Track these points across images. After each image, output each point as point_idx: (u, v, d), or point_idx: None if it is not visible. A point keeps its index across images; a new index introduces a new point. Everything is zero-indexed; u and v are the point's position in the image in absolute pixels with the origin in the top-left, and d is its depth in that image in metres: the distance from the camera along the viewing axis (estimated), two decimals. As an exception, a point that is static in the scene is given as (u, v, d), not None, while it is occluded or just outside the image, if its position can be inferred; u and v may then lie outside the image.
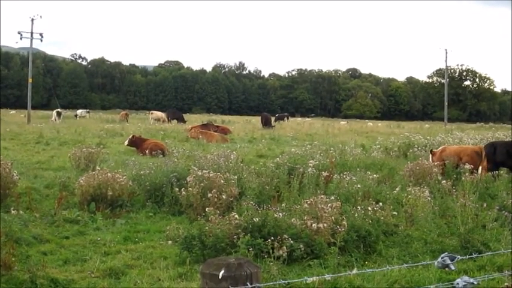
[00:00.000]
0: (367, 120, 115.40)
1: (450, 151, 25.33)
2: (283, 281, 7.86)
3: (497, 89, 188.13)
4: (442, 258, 5.58)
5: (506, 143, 28.14)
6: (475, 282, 5.45)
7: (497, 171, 23.21)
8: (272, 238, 11.26)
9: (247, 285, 4.01)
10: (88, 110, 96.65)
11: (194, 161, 22.03)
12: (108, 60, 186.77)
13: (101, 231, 14.70)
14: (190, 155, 25.90)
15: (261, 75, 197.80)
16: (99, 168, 19.09)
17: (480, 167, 22.90)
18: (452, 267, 5.72)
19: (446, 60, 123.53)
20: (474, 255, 9.79)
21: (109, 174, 17.53)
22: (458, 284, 5.39)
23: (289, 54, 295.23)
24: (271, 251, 11.03)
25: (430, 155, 25.34)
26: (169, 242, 13.23)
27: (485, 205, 15.71)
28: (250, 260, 4.23)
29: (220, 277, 3.99)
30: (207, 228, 12.37)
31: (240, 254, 10.91)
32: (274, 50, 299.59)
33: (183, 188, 16.34)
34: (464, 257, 6.74)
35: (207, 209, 13.64)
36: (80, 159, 24.01)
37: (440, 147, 26.97)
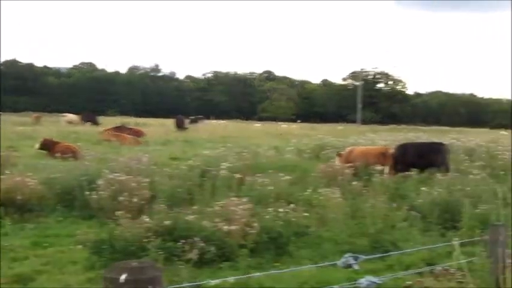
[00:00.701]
0: (281, 123, 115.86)
1: (357, 153, 25.63)
2: (187, 284, 7.85)
3: (410, 92, 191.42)
4: (345, 258, 5.67)
5: (416, 145, 28.79)
6: (378, 282, 5.54)
7: (407, 172, 23.64)
8: (183, 241, 11.23)
9: (148, 288, 3.98)
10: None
11: (106, 164, 21.77)
12: (20, 62, 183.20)
13: (9, 237, 14.38)
14: (103, 157, 25.60)
15: (177, 77, 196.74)
16: (8, 172, 18.71)
17: (387, 168, 23.21)
18: (356, 267, 5.80)
19: (360, 63, 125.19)
20: (378, 255, 9.96)
21: (18, 178, 17.20)
22: (361, 283, 5.47)
23: (205, 56, 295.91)
24: (182, 254, 10.99)
25: (337, 158, 25.49)
26: (79, 246, 13.02)
27: (395, 205, 16.03)
28: (153, 264, 4.20)
29: (121, 281, 3.95)
30: (117, 231, 12.27)
31: (150, 257, 10.85)
32: (190, 52, 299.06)
33: (94, 192, 16.18)
34: (368, 257, 6.82)
35: (117, 213, 13.53)
36: (-12, 164, 23.46)
37: (347, 149, 27.26)
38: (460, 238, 10.80)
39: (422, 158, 25.30)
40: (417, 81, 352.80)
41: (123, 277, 3.93)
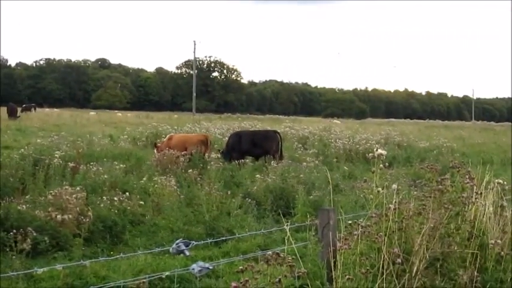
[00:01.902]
0: (116, 111, 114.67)
1: (176, 140, 25.49)
2: (12, 273, 7.72)
3: (244, 81, 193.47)
4: (176, 244, 5.70)
5: (250, 133, 29.20)
6: (210, 267, 5.62)
7: (242, 160, 23.96)
8: (15, 231, 10.97)
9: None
10: None
11: None
12: None
13: None
14: None
15: (8, 64, 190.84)
16: None
17: (207, 155, 23.33)
18: (187, 253, 5.85)
19: (194, 52, 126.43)
20: (210, 240, 10.12)
21: None
22: (193, 269, 5.53)
23: (37, 42, 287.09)
24: (14, 244, 10.74)
25: (155, 149, 24.91)
26: None
27: (230, 193, 16.25)
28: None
29: None
30: None
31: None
32: (21, 38, 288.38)
33: None
34: (198, 242, 6.89)
35: None
36: None
37: (167, 136, 27.17)
38: (294, 224, 11.10)
39: (256, 146, 25.69)
40: (252, 71, 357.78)
41: None
